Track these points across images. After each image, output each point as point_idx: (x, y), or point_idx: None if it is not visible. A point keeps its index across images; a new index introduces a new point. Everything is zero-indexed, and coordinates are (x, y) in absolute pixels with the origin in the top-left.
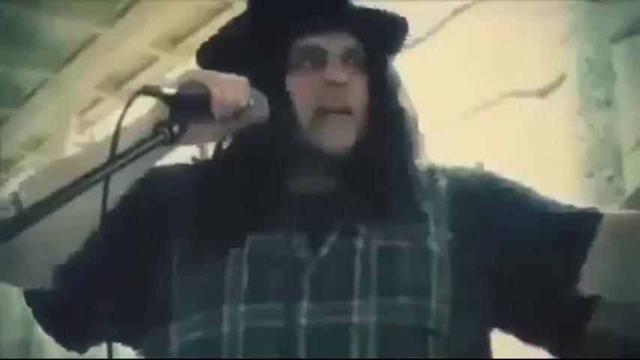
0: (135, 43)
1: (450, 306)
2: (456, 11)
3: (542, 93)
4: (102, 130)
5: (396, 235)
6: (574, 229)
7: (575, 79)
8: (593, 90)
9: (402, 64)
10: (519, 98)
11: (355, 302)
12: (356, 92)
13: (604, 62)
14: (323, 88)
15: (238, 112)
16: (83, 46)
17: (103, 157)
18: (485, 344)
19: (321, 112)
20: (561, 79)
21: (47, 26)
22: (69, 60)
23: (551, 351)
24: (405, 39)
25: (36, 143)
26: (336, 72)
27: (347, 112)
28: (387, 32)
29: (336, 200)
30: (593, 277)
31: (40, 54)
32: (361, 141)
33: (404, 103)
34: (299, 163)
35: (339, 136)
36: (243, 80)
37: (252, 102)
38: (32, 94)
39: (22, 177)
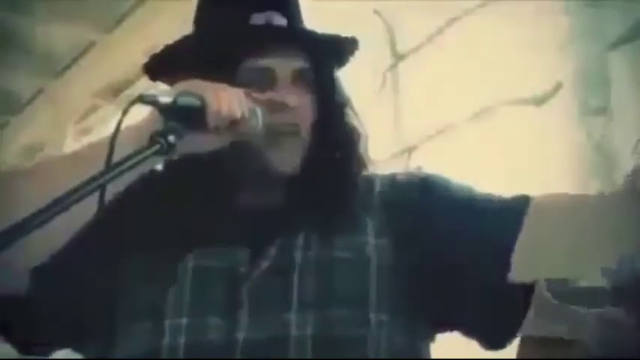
0: (132, 51)
1: (389, 315)
2: (452, 20)
3: (539, 101)
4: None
5: (334, 246)
6: (501, 218)
7: (572, 86)
8: (589, 97)
9: (400, 73)
10: (516, 106)
11: (292, 316)
12: (304, 113)
13: (600, 70)
14: (273, 108)
15: (233, 124)
16: (80, 54)
17: (100, 159)
18: (427, 349)
19: (271, 132)
20: (558, 87)
21: (44, 34)
22: (66, 68)
23: (486, 342)
24: (352, 56)
25: (33, 151)
26: (286, 94)
27: (296, 132)
28: (336, 53)
29: (277, 214)
30: (528, 262)
31: (37, 62)
32: (308, 159)
33: (351, 121)
34: (249, 179)
35: (288, 158)
36: (239, 92)
37: (247, 114)
38: (29, 102)
39: None
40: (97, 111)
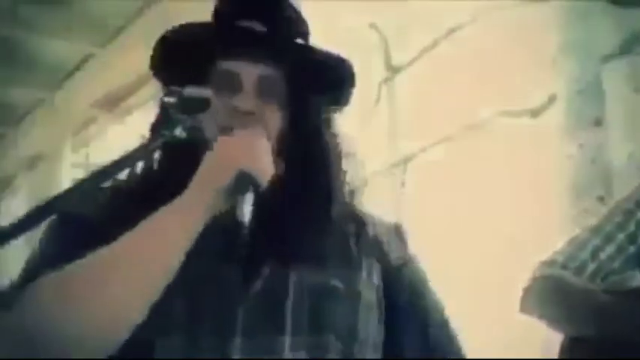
0: (130, 62)
1: (373, 348)
2: (447, 33)
3: (533, 113)
4: (97, 149)
5: (328, 274)
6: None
7: (566, 99)
8: (583, 110)
9: (395, 85)
10: (511, 118)
11: (287, 339)
12: (269, 122)
13: (594, 82)
14: (231, 113)
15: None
16: (78, 65)
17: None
18: None
19: (225, 130)
20: (552, 99)
21: (43, 47)
22: (65, 79)
23: None
24: (346, 86)
25: (31, 162)
26: (244, 99)
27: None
28: (318, 72)
29: (263, 234)
30: None
31: (36, 74)
32: (283, 173)
33: (332, 139)
34: None
35: None
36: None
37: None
38: (28, 113)
39: (18, 195)
40: (95, 121)
